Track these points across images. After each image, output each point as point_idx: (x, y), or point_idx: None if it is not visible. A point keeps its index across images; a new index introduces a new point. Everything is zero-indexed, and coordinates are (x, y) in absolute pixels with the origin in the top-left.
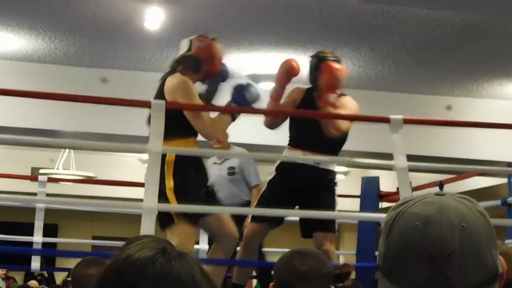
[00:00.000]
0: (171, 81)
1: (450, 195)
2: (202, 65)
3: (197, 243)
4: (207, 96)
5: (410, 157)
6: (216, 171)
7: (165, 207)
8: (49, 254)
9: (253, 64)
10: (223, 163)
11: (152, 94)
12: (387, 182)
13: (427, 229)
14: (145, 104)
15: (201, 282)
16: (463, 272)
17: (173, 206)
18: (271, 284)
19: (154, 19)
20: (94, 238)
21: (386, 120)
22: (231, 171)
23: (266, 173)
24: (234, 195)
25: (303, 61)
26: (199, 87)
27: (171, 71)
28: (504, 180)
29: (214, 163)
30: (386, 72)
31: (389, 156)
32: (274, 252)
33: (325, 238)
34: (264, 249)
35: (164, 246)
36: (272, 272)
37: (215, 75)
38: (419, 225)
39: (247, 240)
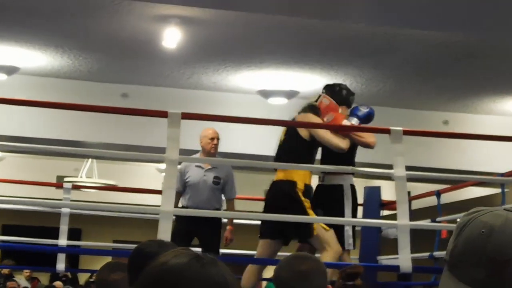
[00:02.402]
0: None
1: None
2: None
3: None
4: None
5: (409, 168)
6: (199, 174)
7: (182, 211)
8: (73, 252)
9: (263, 81)
10: (209, 170)
11: (169, 107)
12: (389, 192)
13: (491, 237)
14: (162, 114)
15: (233, 285)
16: None
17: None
18: None
19: (171, 38)
20: (115, 241)
21: (387, 132)
22: (217, 181)
23: (251, 182)
24: (209, 201)
25: (310, 79)
26: None
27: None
28: (498, 190)
29: (197, 165)
30: (387, 89)
31: (390, 167)
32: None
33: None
34: None
35: (196, 254)
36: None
37: None
38: (485, 232)
39: None
